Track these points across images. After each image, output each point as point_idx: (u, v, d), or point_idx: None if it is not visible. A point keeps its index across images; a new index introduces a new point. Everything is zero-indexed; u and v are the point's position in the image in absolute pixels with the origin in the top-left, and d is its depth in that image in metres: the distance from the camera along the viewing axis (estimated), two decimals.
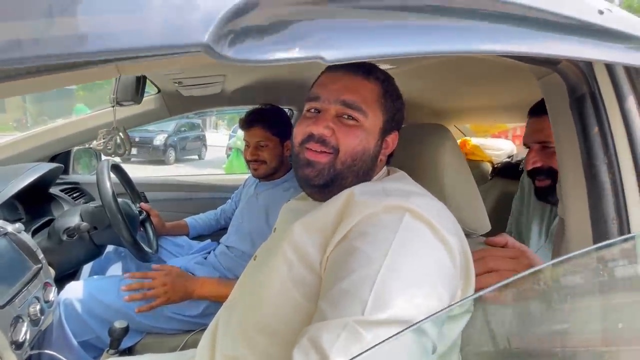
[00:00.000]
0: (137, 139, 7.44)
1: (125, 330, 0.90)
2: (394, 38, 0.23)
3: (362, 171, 0.58)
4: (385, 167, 0.64)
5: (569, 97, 0.49)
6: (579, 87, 0.47)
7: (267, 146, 1.21)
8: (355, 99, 0.56)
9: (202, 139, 9.44)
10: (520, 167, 1.69)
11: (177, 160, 8.24)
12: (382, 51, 0.22)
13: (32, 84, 0.22)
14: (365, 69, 0.58)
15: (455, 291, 0.49)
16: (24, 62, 0.15)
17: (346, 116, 0.56)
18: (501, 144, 1.92)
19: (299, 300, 0.50)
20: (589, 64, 0.45)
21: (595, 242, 0.43)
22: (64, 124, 1.37)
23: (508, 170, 1.75)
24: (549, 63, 0.47)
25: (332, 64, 0.20)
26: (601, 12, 0.38)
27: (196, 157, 9.14)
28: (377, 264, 0.42)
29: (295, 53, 0.18)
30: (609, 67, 0.45)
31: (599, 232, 0.44)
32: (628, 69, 0.44)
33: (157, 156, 7.67)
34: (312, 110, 0.59)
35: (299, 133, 0.58)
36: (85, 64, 0.22)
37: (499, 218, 1.37)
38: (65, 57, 0.16)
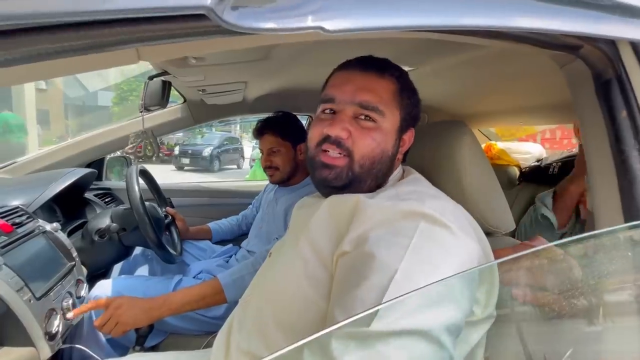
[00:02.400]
0: (189, 151, 9.04)
1: (150, 327, 0.93)
2: (403, 8, 0.23)
3: (380, 173, 0.56)
4: (400, 167, 0.63)
5: (593, 83, 0.47)
6: (604, 72, 0.45)
7: (279, 151, 1.24)
8: (371, 99, 0.54)
9: (240, 151, 10.61)
10: (551, 170, 1.61)
11: (220, 169, 9.46)
12: (390, 22, 0.22)
13: (53, 67, 0.24)
14: (378, 66, 0.57)
15: (477, 296, 0.47)
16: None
17: (363, 117, 0.55)
18: (529, 148, 1.84)
19: (313, 297, 0.50)
20: (613, 47, 0.43)
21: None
22: (98, 133, 1.46)
23: (537, 175, 1.67)
24: (570, 48, 0.46)
25: (332, 35, 0.20)
26: None
27: (235, 166, 10.25)
28: (390, 271, 0.41)
29: (294, 23, 0.19)
30: (636, 49, 0.43)
31: (632, 220, 0.41)
32: None
33: (205, 165, 9.00)
34: (327, 111, 0.58)
35: (315, 135, 0.57)
36: (106, 45, 0.24)
37: None
38: (80, 15, 0.17)
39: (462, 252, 0.45)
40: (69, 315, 0.83)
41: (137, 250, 1.38)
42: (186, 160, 9.01)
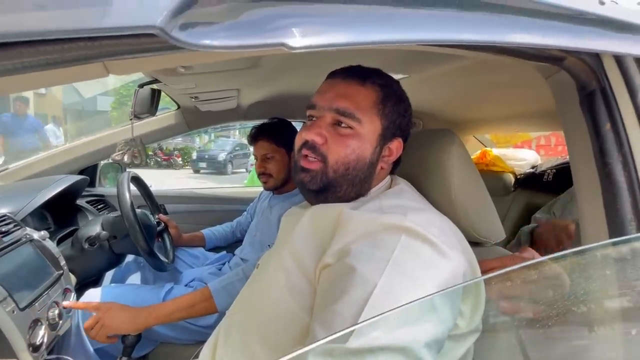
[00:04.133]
0: (206, 156, 10.21)
1: (137, 337, 0.91)
2: (371, 24, 0.22)
3: (357, 179, 0.56)
4: (388, 177, 0.63)
5: (578, 95, 0.47)
6: (588, 83, 0.45)
7: (273, 158, 1.23)
8: (348, 105, 0.55)
9: (248, 155, 11.43)
10: (545, 177, 1.61)
11: (232, 172, 10.52)
12: (358, 38, 0.22)
13: (21, 82, 0.24)
14: (361, 75, 0.58)
15: (460, 309, 0.46)
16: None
17: (341, 124, 0.56)
18: (524, 154, 1.84)
19: (296, 310, 0.49)
20: (597, 59, 0.43)
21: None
22: (91, 140, 1.46)
23: (532, 182, 1.67)
24: (554, 60, 0.45)
25: (296, 51, 0.20)
26: (602, 3, 0.36)
27: (244, 170, 11.13)
28: (370, 286, 0.41)
29: (254, 40, 0.19)
30: (619, 61, 0.42)
31: (617, 235, 0.40)
32: None
33: (220, 169, 10.11)
34: (310, 118, 0.60)
35: (297, 140, 0.59)
36: (69, 61, 0.24)
37: None
38: (25, 35, 0.17)
39: (445, 266, 0.44)
40: (65, 303, 0.83)
41: (129, 257, 1.37)
42: (203, 164, 10.12)
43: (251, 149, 1.34)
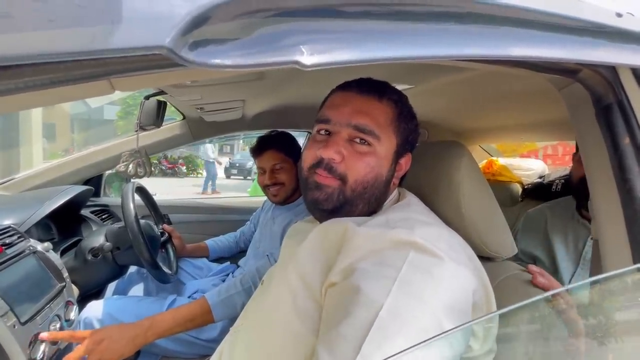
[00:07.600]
0: (237, 164, 11.63)
1: (136, 353, 0.89)
2: (383, 41, 0.22)
3: (373, 198, 0.55)
4: (396, 190, 0.61)
5: (594, 107, 0.45)
6: (604, 96, 0.43)
7: (284, 168, 1.22)
8: (368, 122, 0.53)
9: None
10: (554, 187, 1.58)
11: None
12: (370, 55, 0.21)
13: (31, 99, 0.23)
14: (378, 89, 0.56)
15: (473, 329, 0.44)
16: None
17: (359, 140, 0.53)
18: (531, 164, 1.82)
19: (304, 332, 0.47)
20: (612, 71, 0.42)
21: (635, 264, 0.38)
22: (96, 150, 1.46)
23: (540, 192, 1.64)
24: (568, 72, 0.44)
25: (310, 69, 0.19)
26: (619, 15, 0.36)
27: None
28: (376, 307, 0.39)
29: (266, 58, 0.18)
30: (637, 74, 0.41)
31: None
32: None
33: (248, 174, 11.38)
34: (322, 132, 0.56)
35: (308, 156, 0.56)
36: (78, 79, 0.23)
37: None
38: (35, 58, 0.16)
39: (454, 283, 0.42)
40: (43, 335, 0.77)
41: (132, 269, 1.36)
42: (234, 171, 11.82)
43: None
